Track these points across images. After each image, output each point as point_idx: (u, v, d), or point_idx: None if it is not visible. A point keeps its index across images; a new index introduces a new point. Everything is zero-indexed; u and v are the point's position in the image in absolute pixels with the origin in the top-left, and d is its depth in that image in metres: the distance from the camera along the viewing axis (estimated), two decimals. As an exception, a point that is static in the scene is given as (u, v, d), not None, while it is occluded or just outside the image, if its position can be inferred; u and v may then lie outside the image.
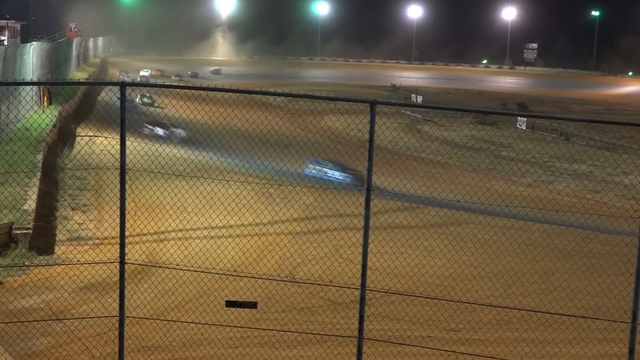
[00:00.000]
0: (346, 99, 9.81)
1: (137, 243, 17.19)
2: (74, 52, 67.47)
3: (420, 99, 73.89)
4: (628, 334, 8.55)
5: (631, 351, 8.02)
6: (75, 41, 70.30)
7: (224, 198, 17.44)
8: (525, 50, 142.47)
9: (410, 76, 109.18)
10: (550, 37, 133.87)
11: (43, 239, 17.06)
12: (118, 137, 9.16)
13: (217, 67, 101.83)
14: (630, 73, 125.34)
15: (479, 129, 54.83)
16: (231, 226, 20.43)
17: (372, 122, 8.69)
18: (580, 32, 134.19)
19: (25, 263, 15.12)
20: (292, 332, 12.04)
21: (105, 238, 18.04)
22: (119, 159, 9.05)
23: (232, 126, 19.68)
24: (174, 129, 38.40)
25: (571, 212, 22.47)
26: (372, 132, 8.70)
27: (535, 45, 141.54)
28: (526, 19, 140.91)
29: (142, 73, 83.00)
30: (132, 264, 11.49)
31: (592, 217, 23.18)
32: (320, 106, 52.06)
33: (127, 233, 9.36)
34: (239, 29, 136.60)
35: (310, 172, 30.10)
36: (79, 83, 46.95)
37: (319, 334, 12.21)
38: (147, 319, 11.48)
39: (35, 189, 19.36)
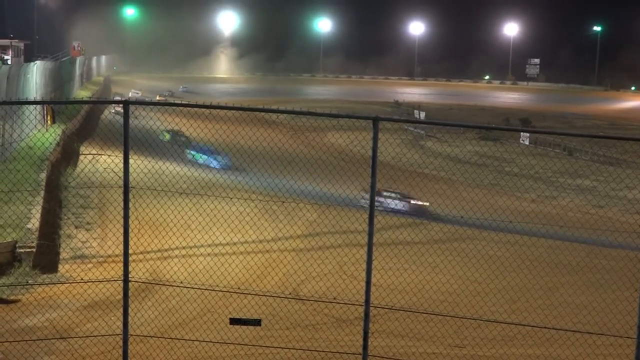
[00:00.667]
0: (349, 116, 9.84)
1: (140, 261, 17.16)
2: (77, 71, 67.76)
3: (423, 115, 74.04)
4: (634, 349, 8.52)
5: (637, 367, 7.99)
6: (78, 60, 70.61)
7: (227, 215, 17.44)
8: (527, 66, 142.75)
9: (413, 92, 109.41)
10: (552, 52, 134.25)
11: (47, 257, 17.05)
12: (121, 155, 9.19)
13: (186, 85, 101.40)
14: (633, 88, 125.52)
15: (482, 145, 54.92)
16: (235, 243, 20.40)
17: (375, 139, 8.72)
18: (583, 48, 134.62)
19: (29, 281, 15.10)
20: (297, 349, 11.98)
21: (109, 256, 18.02)
22: (122, 177, 9.07)
23: (235, 143, 19.71)
24: (412, 200, 31.48)
25: (575, 228, 22.48)
26: (375, 149, 8.73)
27: (537, 60, 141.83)
28: (528, 34, 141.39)
29: (131, 94, 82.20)
30: (136, 281, 11.48)
31: (597, 232, 23.15)
32: (323, 123, 52.17)
33: (130, 251, 9.37)
34: (241, 46, 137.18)
35: None
36: (82, 102, 47.11)
37: (323, 351, 12.15)
38: (151, 337, 11.45)
39: (39, 208, 19.37)
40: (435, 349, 13.07)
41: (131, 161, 9.18)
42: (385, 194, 31.25)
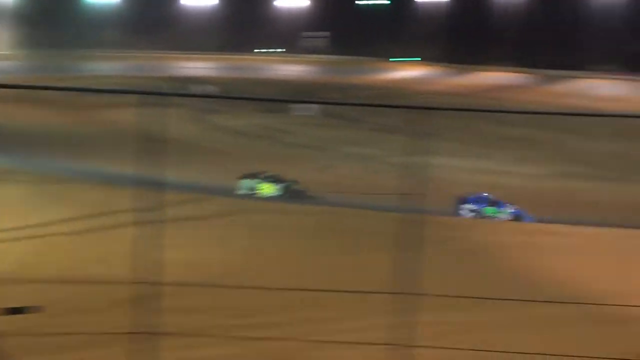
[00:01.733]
0: (113, 91, 9.66)
1: None
2: None
3: (205, 88, 73.78)
4: (400, 304, 9.12)
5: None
6: None
7: (0, 199, 16.55)
8: (311, 39, 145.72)
9: (196, 67, 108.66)
10: (338, 24, 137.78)
11: None
12: None
13: None
14: (397, 59, 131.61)
15: (266, 117, 55.62)
16: (8, 229, 19.32)
17: (154, 115, 8.72)
18: (365, 20, 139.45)
19: None
20: (80, 333, 11.65)
21: None
22: None
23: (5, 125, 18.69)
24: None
25: (352, 193, 23.57)
26: (151, 124, 8.75)
27: (323, 33, 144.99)
28: (315, 6, 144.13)
29: None
30: None
31: (372, 196, 24.45)
32: (105, 100, 50.55)
33: None
34: (10, 20, 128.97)
35: None
36: None
37: (109, 334, 11.92)
38: None
39: None
40: (223, 320, 13.24)
41: None
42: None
